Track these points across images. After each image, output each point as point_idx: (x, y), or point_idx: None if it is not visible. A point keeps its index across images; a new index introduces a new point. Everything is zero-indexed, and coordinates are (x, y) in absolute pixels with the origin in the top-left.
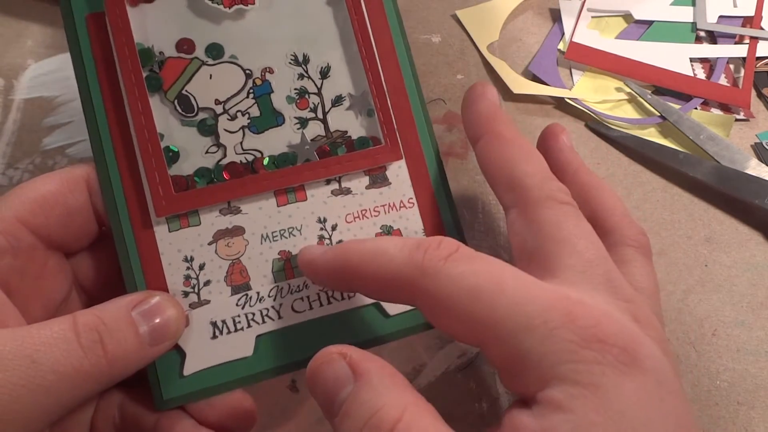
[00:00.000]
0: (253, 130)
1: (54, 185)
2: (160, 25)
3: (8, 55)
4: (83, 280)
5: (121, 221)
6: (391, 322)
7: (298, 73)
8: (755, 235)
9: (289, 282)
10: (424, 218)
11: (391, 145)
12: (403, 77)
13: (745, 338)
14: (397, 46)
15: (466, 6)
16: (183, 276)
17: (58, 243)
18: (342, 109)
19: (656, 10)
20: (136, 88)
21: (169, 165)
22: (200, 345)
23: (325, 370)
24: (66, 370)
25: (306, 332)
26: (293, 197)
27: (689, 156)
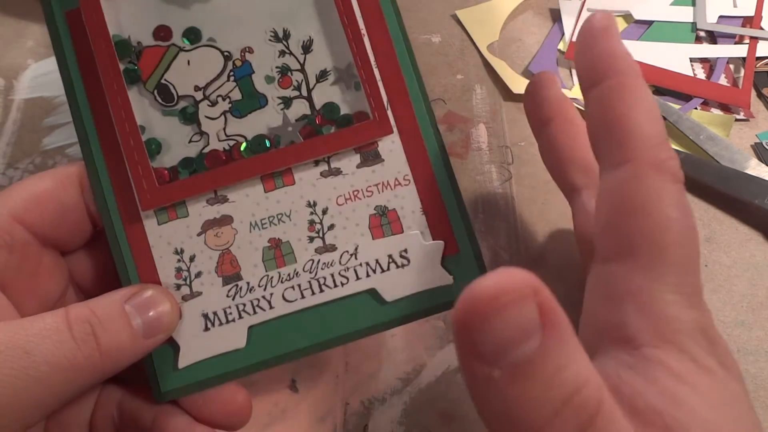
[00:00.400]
0: (236, 115)
1: (47, 183)
2: (136, 15)
3: (8, 55)
4: (80, 278)
5: (111, 216)
6: (389, 309)
7: (279, 50)
8: (755, 235)
9: (279, 270)
10: (422, 196)
11: (380, 119)
12: (395, 46)
13: (745, 338)
14: (386, 13)
15: (466, 6)
16: (174, 269)
17: (52, 240)
18: (327, 84)
19: (656, 10)
20: (114, 81)
21: (152, 157)
22: (193, 338)
23: (512, 310)
24: (59, 361)
25: (299, 322)
26: (280, 182)
27: (689, 156)
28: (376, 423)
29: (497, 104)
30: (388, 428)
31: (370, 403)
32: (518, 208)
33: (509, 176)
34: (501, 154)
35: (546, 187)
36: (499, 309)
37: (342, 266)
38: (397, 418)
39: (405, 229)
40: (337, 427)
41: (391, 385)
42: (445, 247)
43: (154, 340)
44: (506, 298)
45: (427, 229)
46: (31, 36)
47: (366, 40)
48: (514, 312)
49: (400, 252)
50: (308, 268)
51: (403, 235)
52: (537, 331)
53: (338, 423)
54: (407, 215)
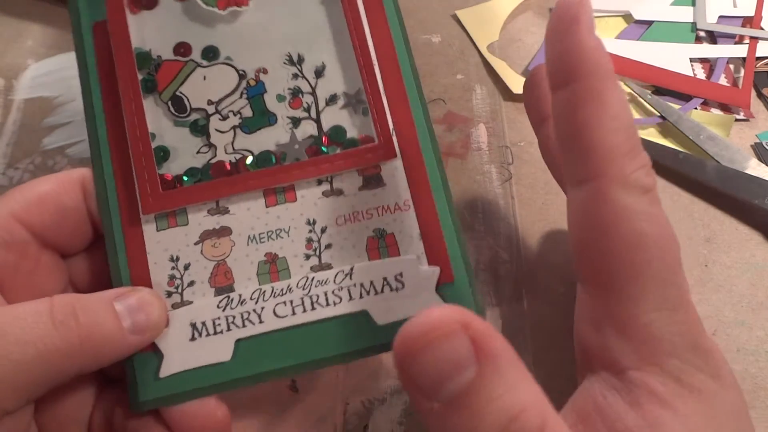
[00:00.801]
0: (245, 130)
1: (49, 185)
2: (159, 31)
3: (8, 55)
4: (79, 282)
5: (112, 218)
6: (380, 333)
7: (292, 73)
8: (755, 235)
9: (272, 285)
10: (421, 222)
11: (385, 144)
12: (402, 76)
13: (745, 338)
14: (396, 43)
15: (466, 6)
16: (168, 276)
17: (52, 241)
18: (336, 108)
19: (656, 10)
20: (131, 89)
21: (159, 164)
22: (178, 347)
23: (441, 345)
24: (34, 341)
25: (288, 339)
26: (282, 198)
27: (689, 156)
28: (376, 423)
29: (497, 104)
30: (388, 428)
31: (370, 403)
32: (518, 208)
33: (509, 176)
34: (501, 154)
35: (546, 187)
36: (427, 345)
37: (336, 285)
38: (397, 418)
39: (402, 253)
40: (337, 427)
41: (391, 385)
42: (440, 274)
43: (141, 337)
44: (434, 334)
45: (423, 255)
46: (31, 36)
47: (376, 68)
48: (444, 347)
49: (395, 275)
50: (302, 284)
51: (400, 258)
52: (471, 363)
53: (338, 423)
54: (405, 240)
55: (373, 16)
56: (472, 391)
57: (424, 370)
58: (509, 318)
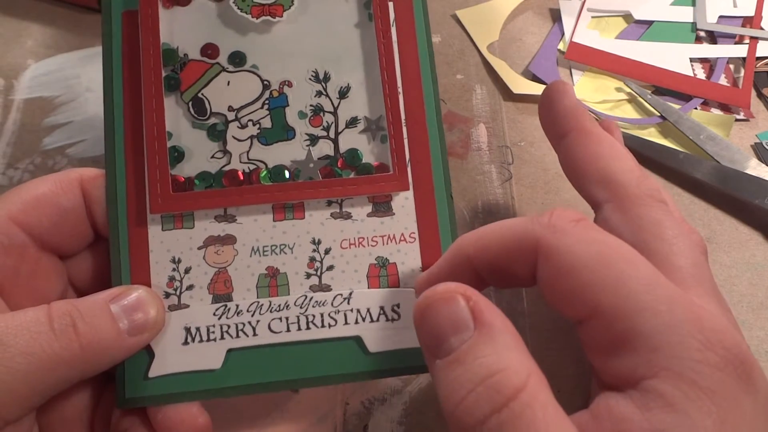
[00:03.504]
0: (262, 141)
1: (47, 187)
2: (189, 29)
3: (8, 55)
4: (79, 282)
5: (119, 213)
6: (370, 360)
7: (316, 90)
8: (755, 235)
9: (270, 299)
10: (424, 256)
11: (400, 175)
12: (425, 108)
13: (745, 338)
14: (423, 75)
15: (466, 6)
16: (168, 277)
17: (50, 243)
18: (355, 131)
19: (656, 10)
20: (154, 85)
21: (172, 164)
22: (170, 349)
23: (442, 307)
24: (35, 352)
25: (279, 355)
26: (291, 214)
27: (689, 156)
28: (376, 423)
29: (497, 104)
30: (388, 428)
31: (370, 403)
32: (518, 208)
33: (509, 176)
34: (501, 154)
35: (546, 187)
36: (432, 305)
37: (333, 308)
38: (397, 418)
39: (401, 285)
40: (337, 427)
41: (391, 385)
42: None
43: (139, 339)
44: (438, 297)
45: None
46: (31, 36)
47: (401, 98)
48: (445, 308)
49: (392, 306)
50: (300, 303)
51: (399, 290)
52: (469, 327)
53: (338, 423)
54: (406, 272)
55: (404, 43)
56: (466, 350)
57: (429, 326)
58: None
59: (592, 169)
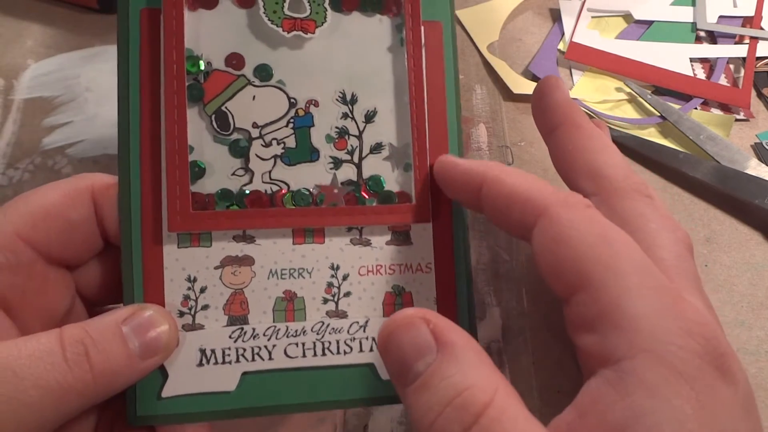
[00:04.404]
0: (285, 161)
1: (55, 197)
2: (214, 35)
3: (8, 55)
4: (86, 292)
5: (132, 229)
6: (384, 386)
7: (342, 111)
8: (755, 235)
9: (287, 324)
10: (438, 287)
11: (422, 206)
12: (448, 137)
13: (745, 338)
14: (449, 105)
15: (466, 6)
16: (182, 296)
17: (58, 257)
18: (380, 157)
19: (656, 10)
20: (176, 95)
21: (192, 180)
22: (184, 370)
23: (403, 334)
24: (49, 384)
25: (293, 380)
26: (311, 238)
27: (689, 156)
28: (376, 423)
29: (497, 104)
30: (388, 428)
31: None
32: None
33: None
34: (501, 154)
35: None
36: (393, 333)
37: (349, 336)
38: (397, 418)
39: None
40: (337, 427)
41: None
42: None
43: (151, 361)
44: (396, 324)
45: None
46: (31, 36)
47: (426, 128)
48: (406, 335)
49: None
50: (316, 329)
51: None
52: (432, 351)
53: (338, 423)
54: (421, 301)
55: (432, 72)
56: (431, 373)
57: (393, 355)
58: (509, 318)
59: (580, 162)
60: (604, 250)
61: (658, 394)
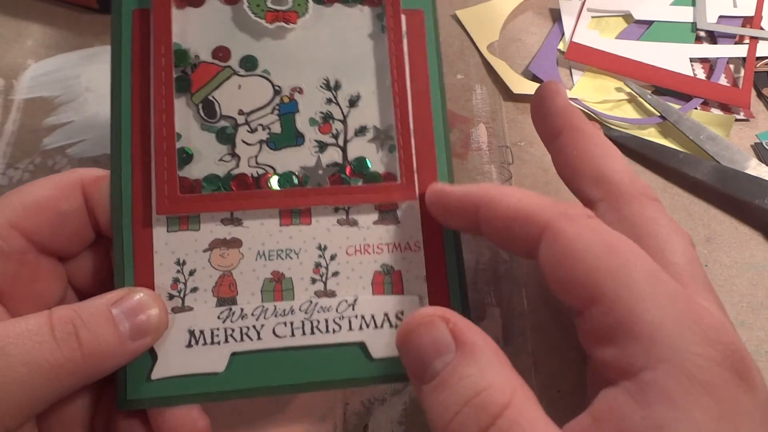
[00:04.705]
0: (271, 146)
1: (47, 190)
2: (201, 31)
3: (8, 55)
4: (79, 283)
5: (123, 214)
6: (374, 366)
7: (327, 97)
8: (755, 235)
9: (275, 304)
10: (428, 264)
11: (407, 184)
12: (432, 119)
13: (745, 338)
14: (432, 86)
15: (466, 6)
16: (172, 278)
17: (50, 247)
18: (364, 140)
19: (656, 10)
20: (164, 85)
21: (180, 166)
22: (173, 351)
23: (423, 333)
24: (38, 362)
25: (283, 359)
26: (297, 219)
27: (689, 156)
28: (376, 423)
29: (497, 104)
30: (388, 428)
31: (370, 403)
32: None
33: (509, 176)
34: (501, 154)
35: (546, 188)
36: (413, 331)
37: (338, 314)
38: (397, 418)
39: (405, 292)
40: (337, 427)
41: (391, 385)
42: None
43: (141, 342)
44: (416, 322)
45: (426, 297)
46: (31, 36)
47: (410, 109)
48: (426, 333)
49: (396, 313)
50: (305, 308)
51: (403, 297)
52: (451, 350)
53: (338, 423)
54: (410, 279)
55: (414, 55)
56: (450, 371)
57: (412, 352)
58: (509, 318)
59: (585, 168)
60: (612, 260)
61: (678, 405)
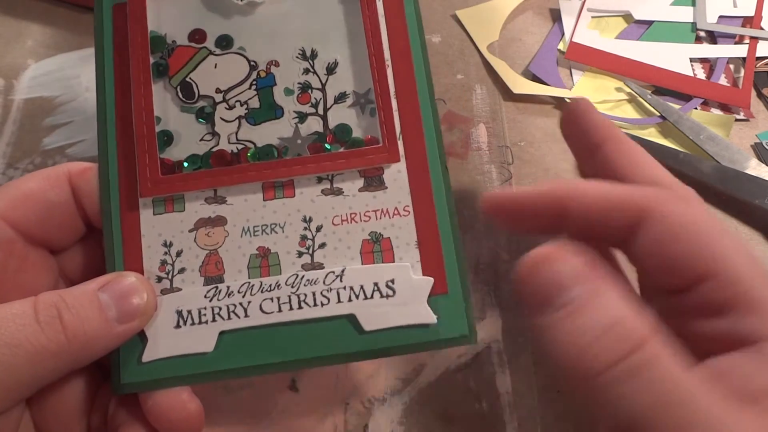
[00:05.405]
0: (250, 122)
1: (34, 183)
2: (176, 16)
3: (8, 55)
4: (71, 276)
5: (111, 200)
6: (366, 339)
7: (304, 67)
8: (755, 235)
9: (261, 280)
10: (419, 229)
11: (389, 147)
12: (416, 79)
13: None
14: (413, 46)
15: (466, 6)
16: (160, 261)
17: (39, 238)
18: (344, 106)
19: (656, 10)
20: (142, 72)
21: (162, 148)
22: (162, 333)
23: (558, 262)
24: (21, 344)
25: (271, 336)
26: (281, 192)
27: (689, 156)
28: (376, 423)
29: (497, 104)
30: (388, 428)
31: (370, 403)
32: None
33: (509, 176)
34: (501, 154)
35: None
36: (545, 261)
37: (325, 286)
38: (397, 418)
39: (396, 260)
40: (337, 427)
41: (391, 385)
42: (434, 285)
43: (129, 326)
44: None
45: (418, 264)
46: (31, 36)
47: (390, 70)
48: (561, 263)
49: (386, 282)
50: (291, 282)
51: (393, 265)
52: (588, 278)
53: (338, 423)
54: (401, 246)
55: (391, 16)
56: (584, 301)
57: (543, 281)
58: (509, 318)
59: (639, 175)
60: (728, 241)
61: None
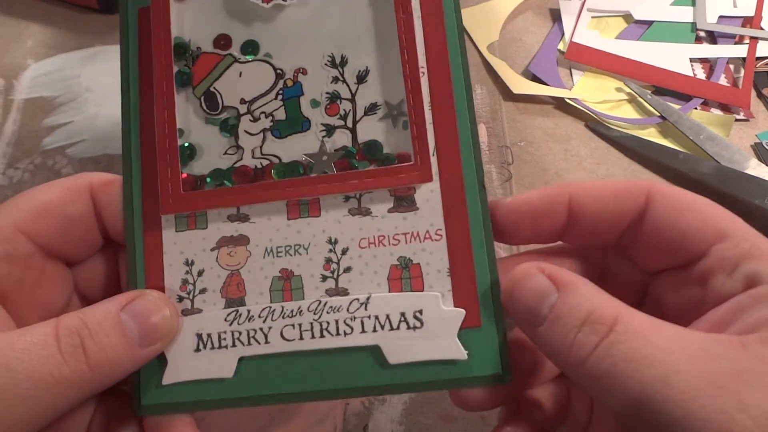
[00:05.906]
0: (276, 135)
1: (55, 194)
2: (201, 20)
3: (8, 55)
4: (86, 289)
5: (134, 216)
6: (390, 373)
7: (333, 75)
8: None
9: (283, 305)
10: (452, 256)
11: (422, 165)
12: (454, 91)
13: None
14: (451, 50)
15: (466, 6)
16: (181, 280)
17: (57, 251)
18: (375, 118)
19: (656, 10)
20: (165, 81)
21: (185, 163)
22: (183, 356)
23: (526, 283)
24: (43, 377)
25: (292, 365)
26: (306, 211)
27: (689, 156)
28: (376, 423)
29: (497, 104)
30: (388, 428)
31: (370, 403)
32: None
33: (509, 176)
34: (501, 154)
35: None
36: (515, 287)
37: (349, 314)
38: (397, 418)
39: (426, 288)
40: (337, 427)
41: None
42: (465, 318)
43: (151, 349)
44: (519, 276)
45: (449, 294)
46: (31, 36)
47: (425, 80)
48: (528, 284)
49: (414, 312)
50: (313, 308)
51: (422, 294)
52: (553, 291)
53: (338, 423)
54: (431, 273)
55: (429, 21)
56: (559, 306)
57: (520, 303)
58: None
59: None
60: (724, 211)
61: None
